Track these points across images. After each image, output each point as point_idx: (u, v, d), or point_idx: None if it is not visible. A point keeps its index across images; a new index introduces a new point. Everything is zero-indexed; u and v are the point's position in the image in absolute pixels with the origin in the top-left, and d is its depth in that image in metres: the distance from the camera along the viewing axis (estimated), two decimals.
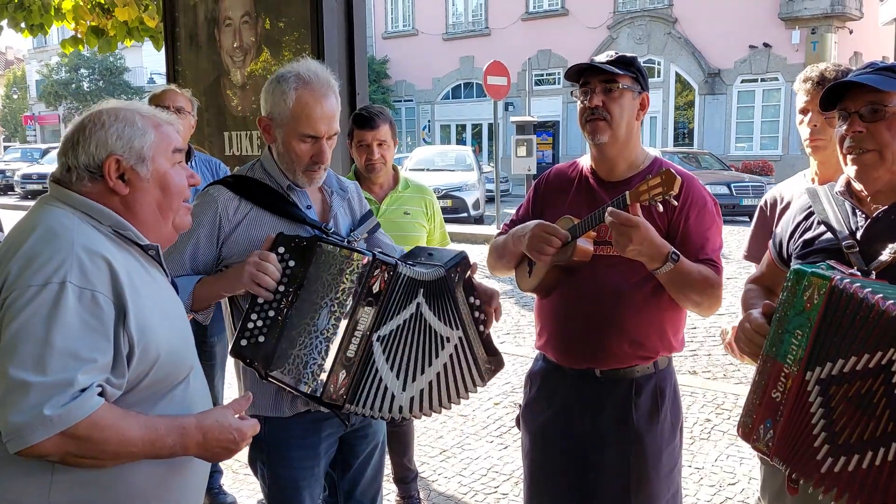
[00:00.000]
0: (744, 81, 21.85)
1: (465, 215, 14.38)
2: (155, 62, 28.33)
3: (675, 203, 1.89)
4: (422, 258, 2.09)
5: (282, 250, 1.87)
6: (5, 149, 29.28)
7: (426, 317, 1.97)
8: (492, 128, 17.46)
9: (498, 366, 2.09)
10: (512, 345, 6.27)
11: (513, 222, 2.32)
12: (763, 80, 21.52)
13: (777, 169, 18.99)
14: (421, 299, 1.96)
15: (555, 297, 2.18)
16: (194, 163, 3.45)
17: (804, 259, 1.71)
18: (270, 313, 1.85)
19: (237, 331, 1.87)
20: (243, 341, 1.85)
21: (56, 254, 1.36)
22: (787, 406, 1.49)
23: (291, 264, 1.86)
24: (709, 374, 5.46)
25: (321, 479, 2.12)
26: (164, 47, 4.57)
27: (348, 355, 1.88)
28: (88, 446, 1.33)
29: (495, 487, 3.69)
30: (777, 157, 20.93)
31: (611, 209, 1.88)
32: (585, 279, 2.08)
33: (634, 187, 1.89)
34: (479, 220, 14.77)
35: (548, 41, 24.44)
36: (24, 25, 6.35)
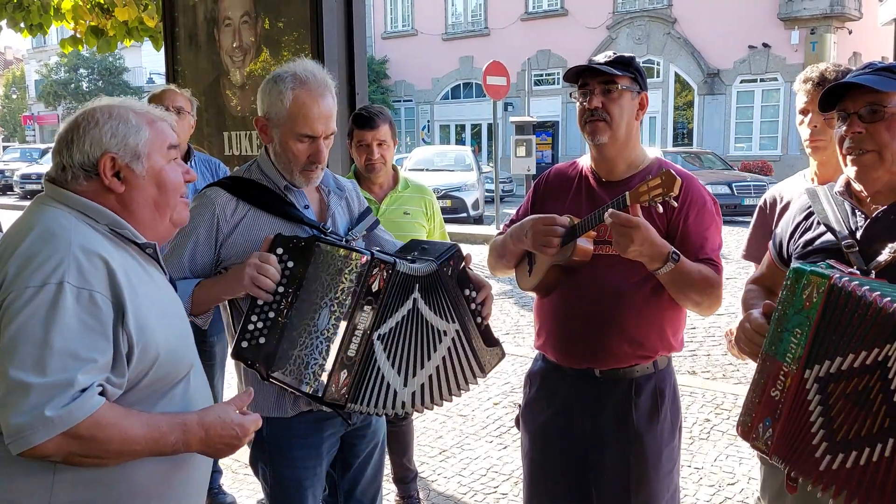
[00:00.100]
0: (743, 81, 21.86)
1: (464, 215, 14.36)
2: (154, 62, 28.32)
3: (675, 204, 1.90)
4: (416, 252, 2.09)
5: (280, 251, 1.86)
6: (4, 149, 29.23)
7: (422, 312, 1.97)
8: (491, 128, 17.45)
9: (498, 356, 2.09)
10: (511, 344, 6.26)
11: (513, 222, 2.32)
12: (762, 81, 21.53)
13: (776, 169, 18.98)
14: (417, 294, 1.96)
15: (554, 297, 2.18)
16: (194, 163, 3.45)
17: (804, 259, 1.71)
18: (270, 314, 1.85)
19: (237, 333, 1.87)
20: (244, 343, 1.85)
21: (53, 254, 1.36)
22: (786, 404, 1.49)
23: (290, 265, 1.86)
24: (708, 374, 5.47)
25: (323, 478, 2.12)
26: (164, 47, 4.56)
27: (349, 354, 1.88)
28: (91, 446, 1.33)
29: (495, 487, 3.69)
30: (776, 157, 20.94)
31: (611, 210, 1.88)
32: (585, 279, 2.08)
33: (634, 188, 1.89)
34: (478, 221, 14.76)
35: (547, 41, 24.44)
36: (23, 25, 6.34)
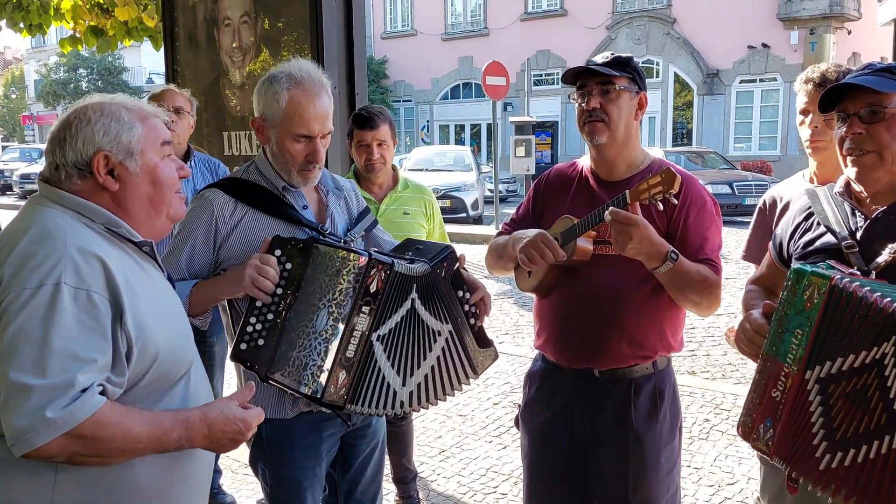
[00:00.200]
0: (742, 82, 21.87)
1: (463, 215, 14.35)
2: (154, 62, 28.34)
3: (675, 202, 1.90)
4: (411, 252, 2.09)
5: (278, 253, 1.86)
6: (3, 148, 29.16)
7: (419, 312, 1.97)
8: (490, 128, 17.45)
9: (491, 357, 2.10)
10: (511, 344, 6.27)
11: (513, 221, 2.32)
12: (762, 81, 21.54)
13: (775, 169, 18.99)
14: (415, 295, 1.96)
15: (554, 297, 2.18)
16: (193, 163, 3.44)
17: (804, 260, 1.71)
18: (269, 316, 1.85)
19: (236, 334, 1.87)
20: (243, 345, 1.85)
21: (50, 255, 1.35)
22: (786, 405, 1.49)
23: (288, 266, 1.86)
24: (707, 374, 5.47)
25: (322, 479, 2.12)
26: (163, 47, 4.56)
27: (347, 355, 1.87)
28: (94, 445, 1.32)
29: (494, 487, 3.69)
30: (775, 157, 20.94)
31: (611, 208, 1.88)
32: (585, 279, 2.08)
33: (634, 186, 1.89)
34: (477, 221, 14.75)
35: (546, 41, 24.45)
36: (22, 25, 6.33)
